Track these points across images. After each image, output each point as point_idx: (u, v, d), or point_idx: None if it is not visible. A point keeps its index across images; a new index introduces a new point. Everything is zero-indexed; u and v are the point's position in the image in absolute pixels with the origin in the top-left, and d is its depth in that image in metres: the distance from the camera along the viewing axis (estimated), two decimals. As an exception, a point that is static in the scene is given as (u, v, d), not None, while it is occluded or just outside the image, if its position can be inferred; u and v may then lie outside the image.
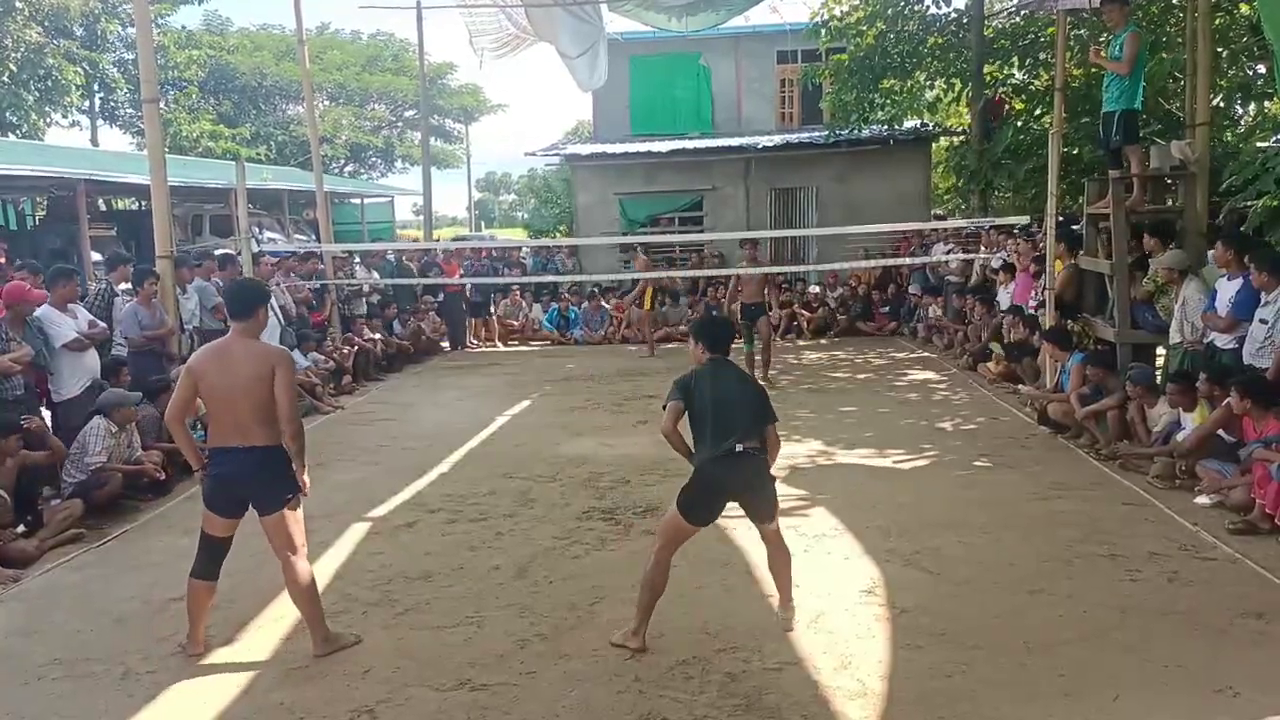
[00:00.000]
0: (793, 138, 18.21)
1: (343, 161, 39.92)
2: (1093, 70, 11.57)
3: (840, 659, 4.02)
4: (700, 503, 4.13)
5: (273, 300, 9.19)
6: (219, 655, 4.28)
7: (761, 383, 9.53)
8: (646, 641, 4.14)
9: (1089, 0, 8.63)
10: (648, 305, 13.74)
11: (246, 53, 37.62)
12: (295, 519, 4.22)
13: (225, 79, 36.72)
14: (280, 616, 4.67)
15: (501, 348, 14.83)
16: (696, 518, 4.16)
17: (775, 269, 15.88)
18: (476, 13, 12.61)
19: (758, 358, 10.40)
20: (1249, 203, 8.12)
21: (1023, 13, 14.38)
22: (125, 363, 7.46)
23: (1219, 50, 10.53)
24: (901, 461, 7.29)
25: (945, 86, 15.79)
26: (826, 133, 16.88)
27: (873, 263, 15.21)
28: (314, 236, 18.05)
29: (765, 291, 10.56)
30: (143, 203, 21.60)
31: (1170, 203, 8.69)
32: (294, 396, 4.17)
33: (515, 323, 15.50)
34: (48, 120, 30.19)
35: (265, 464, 4.13)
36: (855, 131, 16.33)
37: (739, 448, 4.05)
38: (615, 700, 3.76)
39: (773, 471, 4.27)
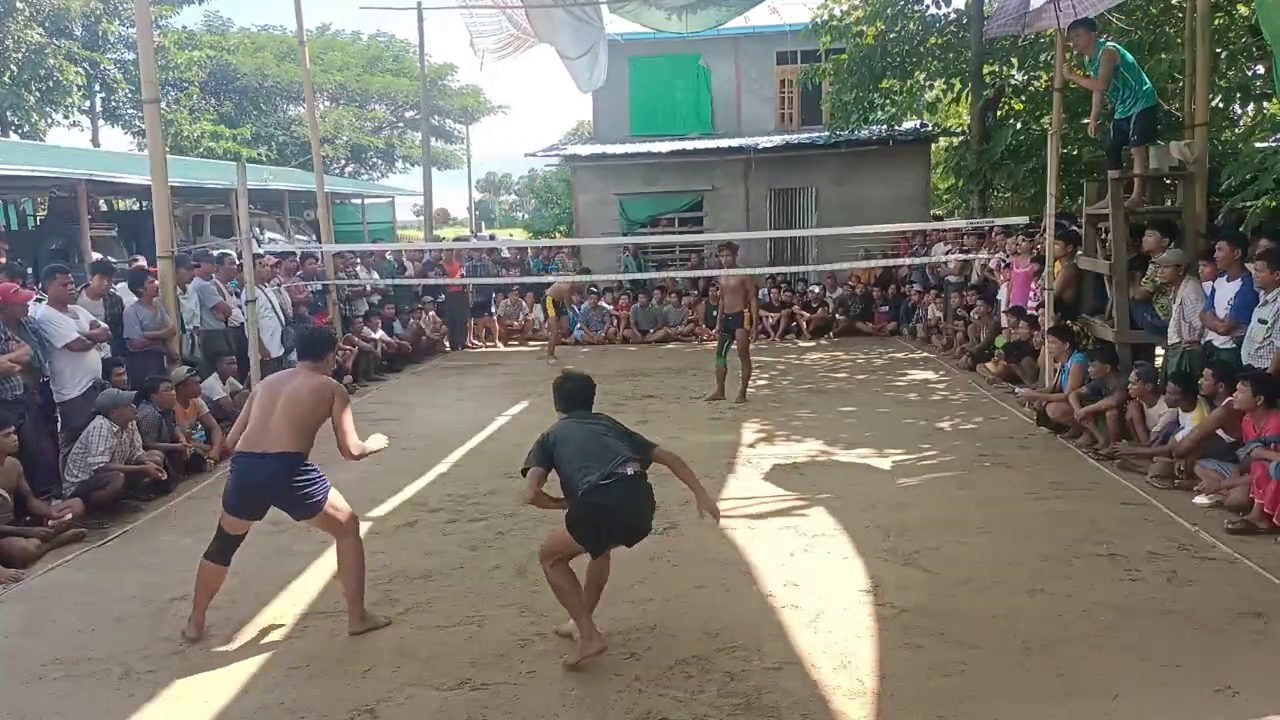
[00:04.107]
0: (792, 138, 18.23)
1: (343, 162, 39.96)
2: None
3: (839, 658, 4.03)
4: (591, 530, 3.94)
5: (272, 300, 9.21)
6: (219, 655, 4.28)
7: (739, 402, 9.58)
8: (647, 642, 4.14)
9: (1059, 21, 8.67)
10: (551, 311, 13.01)
11: (247, 53, 37.65)
12: (335, 513, 4.38)
13: (226, 80, 36.75)
14: (280, 616, 4.68)
15: (502, 348, 14.84)
16: (589, 543, 3.98)
17: (772, 270, 15.97)
18: (477, 14, 12.59)
19: (738, 373, 9.66)
20: (1248, 203, 8.13)
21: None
22: (121, 363, 7.45)
23: (1218, 51, 10.52)
24: (901, 461, 7.29)
25: (945, 87, 15.80)
26: (826, 133, 16.88)
27: (873, 263, 15.22)
28: (315, 237, 18.06)
29: (745, 300, 9.56)
30: (143, 203, 21.61)
31: (1169, 203, 8.70)
32: (352, 432, 4.36)
33: (516, 323, 15.52)
34: (49, 120, 30.22)
35: (283, 470, 4.23)
36: (855, 132, 16.34)
37: (629, 470, 3.93)
38: (615, 699, 3.76)
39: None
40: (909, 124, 17.20)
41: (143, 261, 10.50)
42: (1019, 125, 14.50)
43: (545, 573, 4.04)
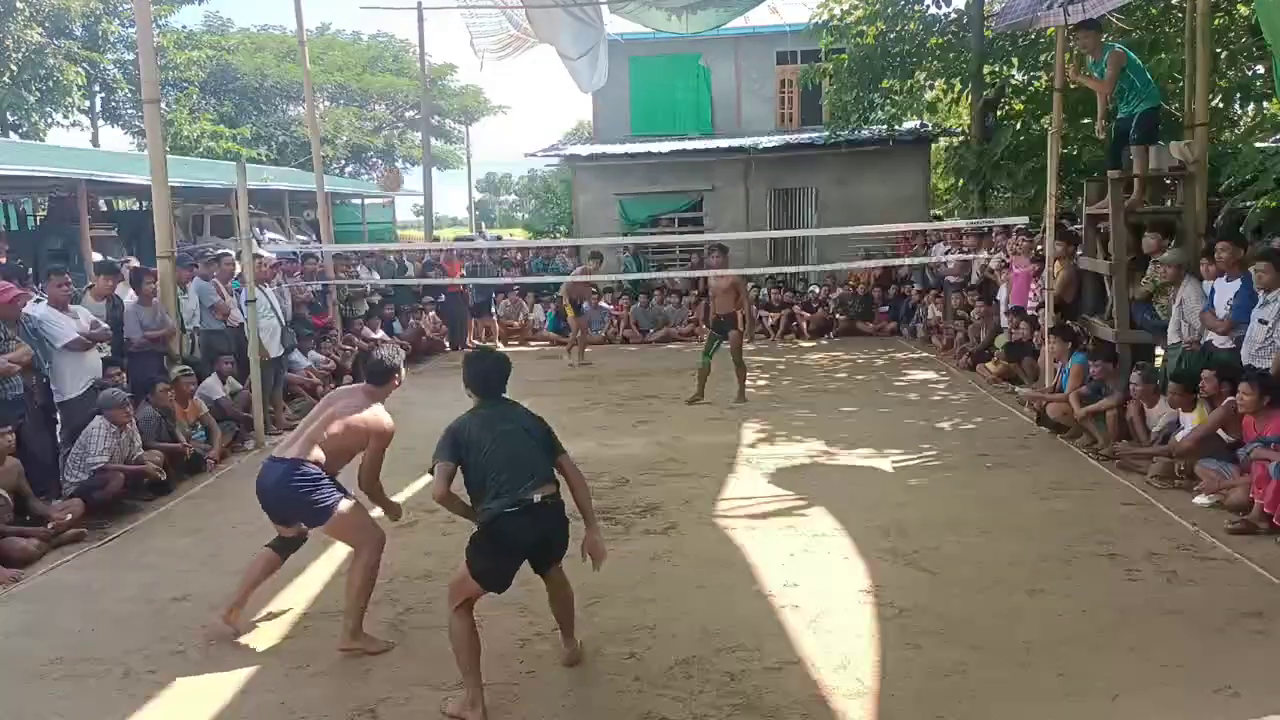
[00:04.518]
0: (792, 138, 18.21)
1: (343, 162, 39.95)
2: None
3: (840, 658, 4.02)
4: (494, 565, 3.67)
5: (273, 301, 9.20)
6: (219, 655, 4.28)
7: (739, 402, 9.55)
8: (647, 642, 4.12)
9: (1065, 18, 8.66)
10: (569, 311, 12.78)
11: (247, 53, 37.66)
12: (350, 524, 4.32)
13: (226, 79, 36.77)
14: (281, 616, 4.68)
15: (502, 348, 14.84)
16: (490, 581, 3.68)
17: (772, 270, 15.96)
18: (477, 14, 12.59)
19: (730, 374, 9.65)
20: (1248, 203, 8.12)
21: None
22: (118, 364, 7.45)
23: (1218, 51, 10.52)
24: (901, 461, 7.29)
25: (945, 87, 15.79)
26: (826, 133, 16.88)
27: (873, 263, 15.23)
28: (315, 237, 18.05)
29: (737, 301, 9.52)
30: (144, 203, 21.61)
31: (1169, 203, 8.70)
32: (377, 466, 4.42)
33: (516, 323, 15.52)
34: (49, 120, 30.21)
35: (288, 477, 4.22)
36: (855, 132, 16.33)
37: (537, 497, 3.60)
38: (615, 699, 3.76)
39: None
40: (909, 124, 17.19)
41: (135, 263, 10.51)
42: (1019, 125, 14.50)
43: (449, 620, 3.71)
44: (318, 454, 4.29)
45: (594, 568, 3.85)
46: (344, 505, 4.29)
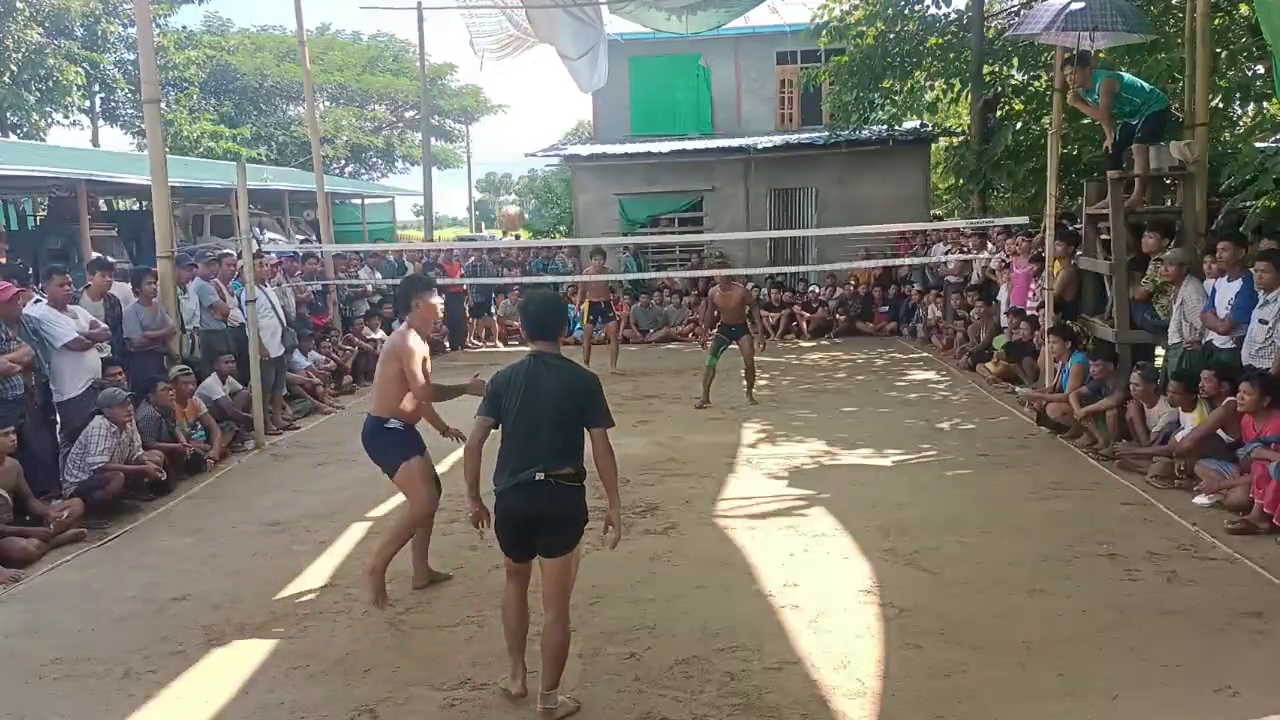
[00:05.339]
0: (792, 138, 18.22)
1: (343, 162, 39.93)
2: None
3: (840, 658, 4.03)
4: (504, 536, 3.68)
5: (273, 301, 9.20)
6: (219, 655, 4.29)
7: (749, 403, 9.54)
8: (646, 642, 4.12)
9: (1078, 43, 8.65)
10: (585, 318, 12.46)
11: (247, 53, 37.63)
12: (405, 480, 4.77)
13: (226, 79, 36.74)
14: (281, 616, 4.68)
15: (502, 348, 14.85)
16: (506, 547, 3.72)
17: (772, 270, 15.96)
18: (477, 14, 12.60)
19: (742, 377, 9.74)
20: (1248, 203, 8.12)
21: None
22: (118, 363, 7.43)
23: (1218, 50, 10.51)
24: (901, 461, 7.30)
25: (945, 87, 15.81)
26: (826, 133, 16.89)
27: (873, 263, 15.24)
28: (315, 237, 18.05)
29: (747, 311, 9.65)
30: (144, 203, 21.59)
31: (1169, 203, 8.70)
32: (417, 377, 4.63)
33: (516, 323, 15.52)
34: (49, 120, 30.17)
35: (368, 430, 4.81)
36: (855, 132, 16.34)
37: (539, 475, 3.50)
38: (615, 699, 3.77)
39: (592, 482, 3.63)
40: (909, 124, 17.19)
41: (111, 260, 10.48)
42: (1019, 125, 14.50)
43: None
44: (382, 404, 4.75)
45: (611, 544, 3.77)
46: (408, 461, 4.73)
